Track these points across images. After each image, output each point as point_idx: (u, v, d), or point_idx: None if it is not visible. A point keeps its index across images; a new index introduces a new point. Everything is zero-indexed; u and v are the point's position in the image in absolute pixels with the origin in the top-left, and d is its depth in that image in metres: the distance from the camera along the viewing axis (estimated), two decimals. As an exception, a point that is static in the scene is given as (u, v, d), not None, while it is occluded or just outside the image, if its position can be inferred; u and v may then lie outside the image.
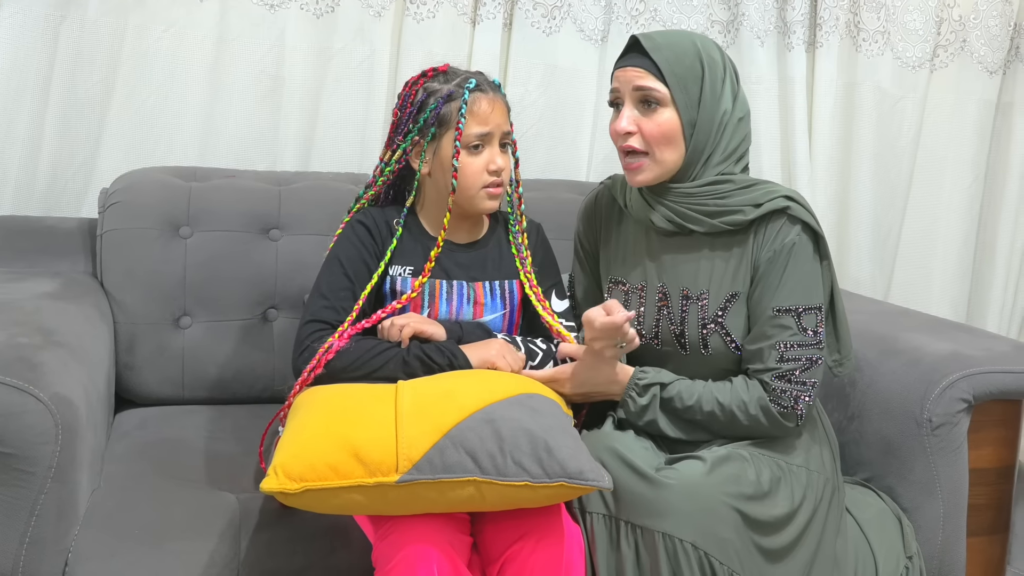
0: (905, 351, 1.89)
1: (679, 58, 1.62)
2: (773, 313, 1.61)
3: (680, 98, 1.62)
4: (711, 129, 1.63)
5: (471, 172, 1.66)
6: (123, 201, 2.01)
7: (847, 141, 2.77)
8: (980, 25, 2.80)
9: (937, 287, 2.92)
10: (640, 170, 1.65)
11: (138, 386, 1.98)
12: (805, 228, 1.62)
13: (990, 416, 1.82)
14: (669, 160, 1.64)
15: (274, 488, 1.36)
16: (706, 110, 1.62)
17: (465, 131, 1.64)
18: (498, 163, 1.68)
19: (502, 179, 1.69)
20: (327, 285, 1.66)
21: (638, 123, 1.64)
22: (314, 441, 1.39)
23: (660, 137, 1.62)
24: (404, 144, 1.69)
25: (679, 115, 1.62)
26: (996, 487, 1.86)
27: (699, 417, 1.62)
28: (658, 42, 1.64)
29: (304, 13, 2.33)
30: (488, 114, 1.67)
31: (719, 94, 1.63)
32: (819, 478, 1.64)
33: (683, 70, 1.62)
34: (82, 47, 2.19)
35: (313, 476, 1.36)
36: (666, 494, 1.48)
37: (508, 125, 1.71)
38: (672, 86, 1.61)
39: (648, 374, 1.64)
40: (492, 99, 1.68)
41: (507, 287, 1.75)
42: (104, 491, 1.59)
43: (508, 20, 2.47)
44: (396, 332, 1.61)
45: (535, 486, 1.38)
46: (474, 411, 1.41)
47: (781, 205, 1.61)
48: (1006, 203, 2.90)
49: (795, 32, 2.64)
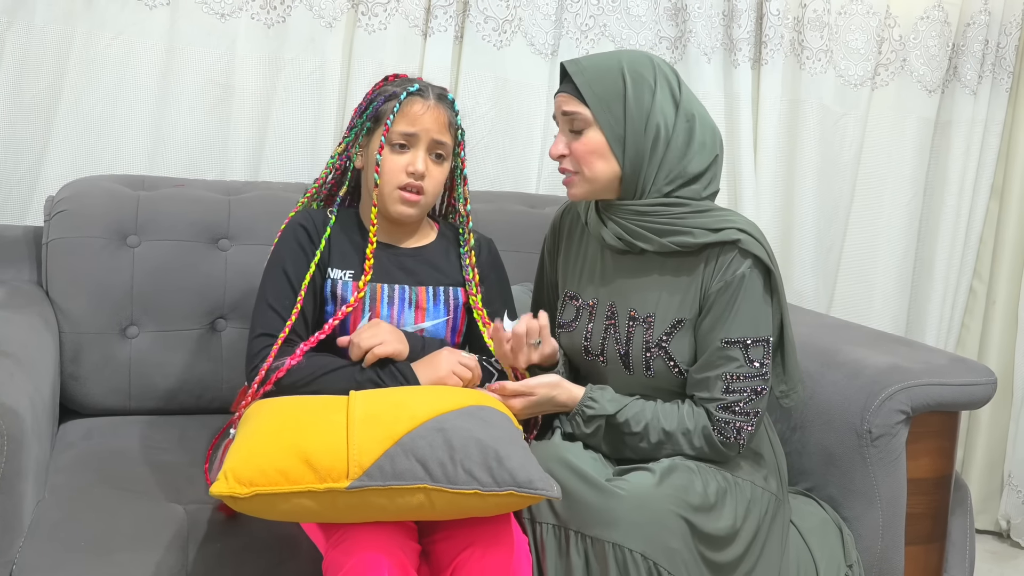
0: (846, 364, 1.93)
1: (599, 78, 1.64)
2: (721, 344, 1.62)
3: (602, 117, 1.64)
4: (644, 142, 1.63)
5: (389, 169, 1.69)
6: (69, 209, 1.99)
7: (791, 156, 2.82)
8: (920, 45, 2.88)
9: (878, 301, 2.97)
10: (572, 184, 1.69)
11: (83, 396, 1.96)
12: (756, 262, 1.63)
13: (928, 427, 1.86)
14: (600, 176, 1.66)
15: (224, 492, 1.36)
16: (633, 124, 1.63)
17: (392, 127, 1.68)
18: (417, 166, 1.68)
19: (421, 185, 1.69)
20: (272, 294, 1.66)
21: (569, 146, 1.68)
22: (265, 446, 1.40)
23: (585, 155, 1.65)
24: (348, 139, 1.74)
25: (603, 133, 1.64)
26: (933, 496, 1.90)
27: (643, 444, 1.64)
28: (582, 65, 1.67)
29: (255, 23, 2.33)
30: (418, 116, 1.69)
31: (647, 106, 1.63)
32: (764, 494, 1.67)
33: (603, 89, 1.64)
34: (28, 53, 2.17)
35: (263, 481, 1.36)
36: (616, 504, 1.50)
37: (445, 136, 1.72)
38: (592, 106, 1.64)
39: (596, 404, 1.65)
40: (429, 105, 1.71)
41: (451, 293, 1.76)
42: (49, 502, 1.57)
43: (459, 33, 2.49)
44: (359, 353, 1.62)
45: (485, 495, 1.39)
46: (425, 420, 1.42)
47: (732, 237, 1.62)
48: (944, 219, 2.96)
49: (741, 49, 2.69)
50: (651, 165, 1.64)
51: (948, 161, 2.96)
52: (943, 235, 2.97)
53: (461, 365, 1.65)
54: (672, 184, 1.65)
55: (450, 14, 2.43)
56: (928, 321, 3.00)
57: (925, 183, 2.99)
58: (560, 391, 1.66)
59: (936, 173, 2.99)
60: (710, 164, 1.67)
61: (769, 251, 1.65)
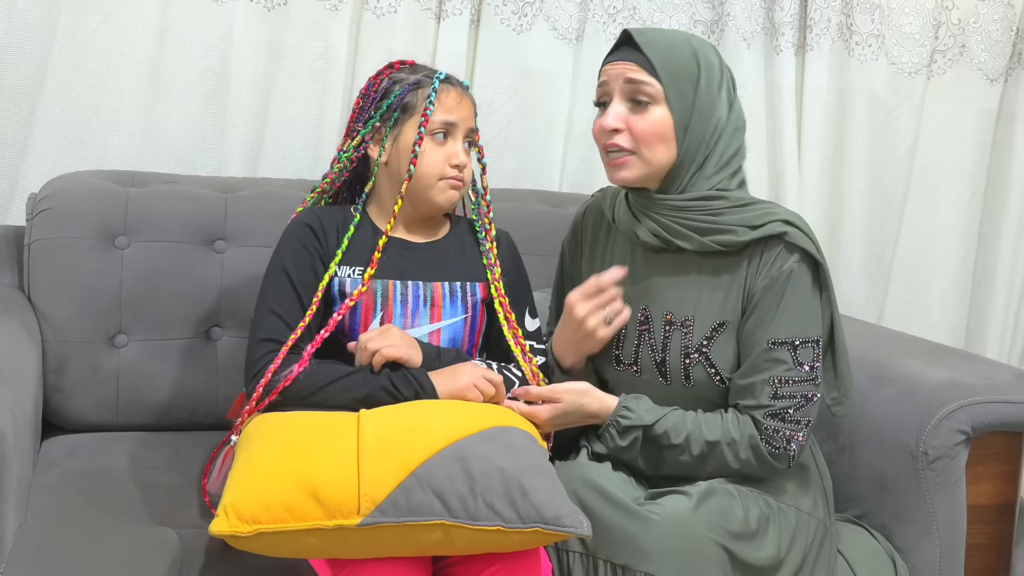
0: (900, 379, 1.93)
1: (674, 55, 1.65)
2: (768, 346, 1.62)
3: (674, 96, 1.63)
4: (705, 134, 1.64)
5: (432, 161, 1.70)
6: (53, 208, 2.00)
7: (838, 152, 2.82)
8: (980, 30, 2.87)
9: (934, 310, 2.97)
10: (624, 166, 1.66)
11: (68, 410, 1.98)
12: (804, 256, 1.63)
13: (989, 449, 1.86)
14: (658, 161, 1.65)
15: (225, 531, 1.36)
16: (700, 113, 1.64)
17: (432, 117, 1.69)
18: (461, 158, 1.71)
19: (463, 176, 1.72)
20: (274, 298, 1.67)
21: (627, 121, 1.65)
22: (269, 477, 1.39)
23: (652, 136, 1.63)
24: (364, 131, 1.73)
25: (672, 114, 1.64)
26: (996, 525, 1.90)
27: (685, 457, 1.64)
28: (652, 38, 1.66)
29: (254, 5, 2.34)
30: (456, 105, 1.72)
31: (715, 98, 1.65)
32: (810, 520, 1.67)
33: (678, 68, 1.64)
34: (9, 38, 2.19)
35: (267, 518, 1.36)
36: (649, 530, 1.50)
37: (474, 124, 1.76)
38: (666, 83, 1.63)
39: (632, 414, 1.65)
40: (460, 93, 1.74)
41: (469, 289, 1.76)
42: (31, 525, 1.58)
43: (476, 16, 2.50)
44: (367, 357, 1.61)
45: (508, 531, 1.38)
46: (443, 447, 1.41)
47: (778, 230, 1.63)
48: (1007, 220, 2.96)
49: (783, 34, 2.69)
50: (699, 160, 1.65)
51: (1012, 156, 2.95)
52: (1006, 237, 2.97)
53: (485, 380, 1.64)
54: (713, 179, 1.66)
55: (466, -4, 2.44)
56: (990, 332, 2.99)
57: (986, 180, 2.99)
58: (590, 399, 1.66)
59: (998, 169, 2.99)
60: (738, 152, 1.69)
61: (816, 244, 1.65)
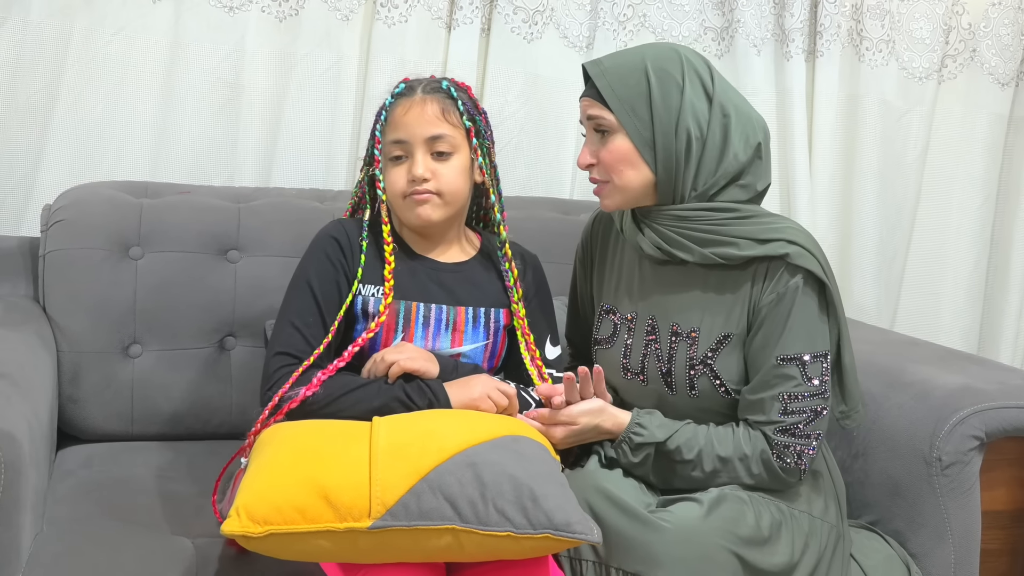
0: (913, 384, 1.93)
1: (622, 80, 1.65)
2: (777, 362, 1.62)
3: (627, 121, 1.64)
4: (675, 144, 1.63)
5: (393, 181, 1.70)
6: (68, 219, 2.02)
7: (849, 157, 2.81)
8: (991, 34, 2.87)
9: (947, 315, 2.96)
10: (603, 194, 1.71)
11: (83, 420, 1.99)
12: (808, 276, 1.63)
13: (1004, 454, 1.86)
14: (631, 184, 1.66)
15: (235, 531, 1.37)
16: (662, 126, 1.63)
17: (383, 140, 1.71)
18: (416, 171, 1.67)
19: (429, 188, 1.67)
20: (295, 311, 1.67)
21: (596, 154, 1.68)
22: (281, 480, 1.40)
23: (616, 163, 1.65)
24: (365, 158, 1.76)
25: (630, 139, 1.64)
26: (1011, 531, 1.90)
27: (697, 472, 1.64)
28: (603, 66, 1.67)
29: (266, 16, 2.36)
30: (400, 118, 1.69)
31: (676, 105, 1.63)
32: (823, 526, 1.67)
33: (626, 91, 1.64)
34: (24, 51, 2.21)
35: (279, 519, 1.37)
36: (661, 538, 1.50)
37: (439, 127, 1.68)
38: (616, 110, 1.64)
39: (645, 431, 1.65)
40: (414, 101, 1.69)
41: (492, 315, 1.76)
42: (47, 535, 1.59)
43: (486, 25, 2.51)
44: (383, 368, 1.61)
45: (518, 537, 1.38)
46: (455, 453, 1.42)
47: (780, 252, 1.62)
48: (1019, 224, 2.96)
49: (794, 40, 2.69)
50: (688, 167, 1.64)
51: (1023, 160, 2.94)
52: (1018, 242, 2.96)
53: (499, 392, 1.64)
54: (714, 186, 1.65)
55: (476, 5, 2.45)
56: (1003, 337, 2.99)
57: (998, 185, 2.98)
58: (604, 418, 1.67)
59: (1010, 173, 2.98)
60: (752, 158, 1.66)
61: (823, 263, 1.65)
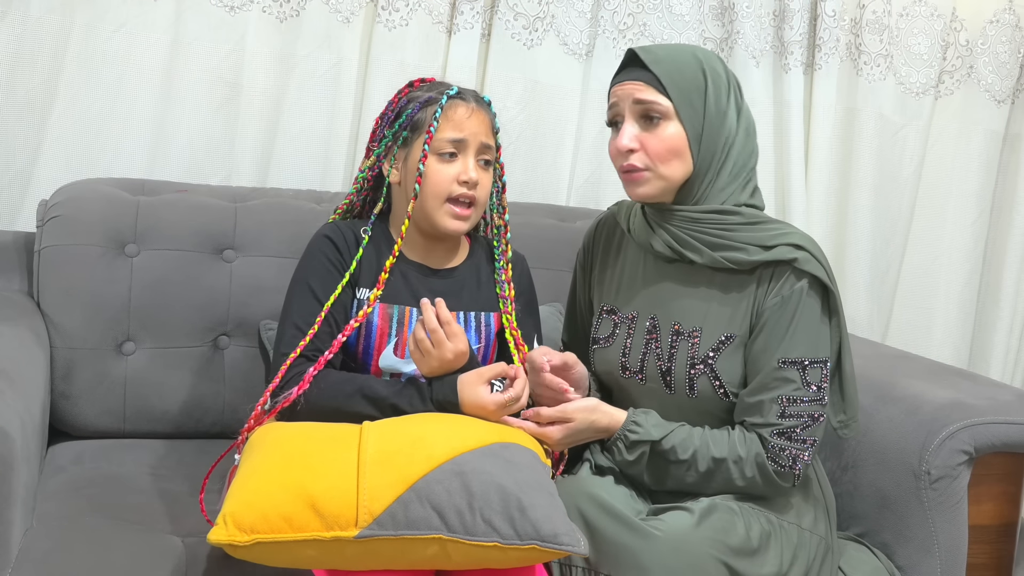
0: (903, 398, 1.94)
1: (680, 69, 1.66)
2: (778, 365, 1.63)
3: (685, 110, 1.65)
4: (718, 143, 1.66)
5: (438, 180, 1.68)
6: (64, 215, 2.02)
7: (846, 170, 2.83)
8: (988, 51, 2.88)
9: (938, 329, 2.97)
10: (641, 181, 1.67)
11: (75, 417, 1.99)
12: (813, 281, 1.64)
13: (992, 470, 1.86)
14: (674, 176, 1.67)
15: (222, 540, 1.37)
16: (711, 123, 1.66)
17: (436, 134, 1.67)
18: (471, 174, 1.68)
19: (474, 195, 1.69)
20: (298, 312, 1.68)
21: (640, 139, 1.66)
22: (268, 488, 1.40)
23: (666, 152, 1.65)
24: (378, 151, 1.73)
25: (684, 128, 1.65)
26: (997, 545, 1.90)
27: (691, 473, 1.64)
28: (657, 54, 1.67)
29: (267, 16, 2.36)
30: (464, 120, 1.69)
31: (724, 107, 1.67)
32: (812, 537, 1.67)
33: (685, 82, 1.65)
34: (23, 46, 2.21)
35: (265, 528, 1.37)
36: (651, 546, 1.50)
37: (491, 139, 1.72)
38: (675, 98, 1.65)
39: (640, 428, 1.65)
40: (472, 108, 1.70)
41: (483, 319, 1.77)
42: (37, 531, 1.59)
43: (487, 30, 2.52)
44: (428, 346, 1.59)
45: (505, 547, 1.38)
46: (443, 461, 1.42)
47: (788, 256, 1.63)
48: (1012, 241, 2.97)
49: (792, 53, 2.70)
50: (714, 170, 1.67)
51: (1018, 178, 2.96)
52: (1011, 259, 2.97)
53: None
54: (725, 190, 1.67)
55: (477, 10, 2.46)
56: (993, 353, 3.00)
57: (992, 201, 3.00)
58: (600, 415, 1.67)
59: (1004, 191, 3.00)
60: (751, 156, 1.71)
61: (828, 269, 1.66)
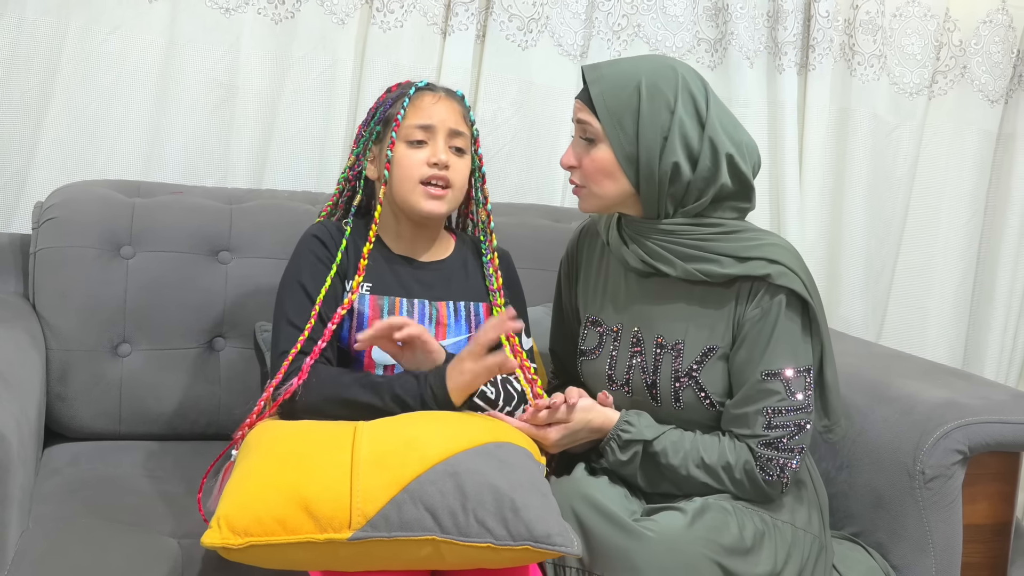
0: (898, 398, 1.94)
1: (615, 90, 1.65)
2: (761, 377, 1.63)
3: (612, 133, 1.65)
4: (659, 164, 1.63)
5: (408, 164, 1.71)
6: (59, 217, 2.02)
7: (839, 171, 2.83)
8: (981, 51, 2.89)
9: (933, 329, 2.97)
10: (580, 197, 1.73)
11: (70, 419, 1.99)
12: (790, 295, 1.63)
13: (986, 469, 1.87)
14: (608, 194, 1.68)
15: (216, 543, 1.37)
16: (647, 143, 1.63)
17: (404, 122, 1.71)
18: (440, 156, 1.71)
19: (446, 176, 1.72)
20: (292, 310, 1.69)
21: (579, 158, 1.70)
22: (262, 491, 1.40)
23: (595, 173, 1.67)
24: (357, 150, 1.77)
25: (612, 151, 1.65)
26: (992, 544, 1.91)
27: (681, 475, 1.65)
28: (601, 73, 1.68)
29: (262, 18, 2.36)
30: (430, 106, 1.73)
31: (664, 125, 1.62)
32: (806, 536, 1.67)
33: (617, 103, 1.65)
34: (18, 48, 2.21)
35: (259, 530, 1.37)
36: (644, 547, 1.50)
37: (461, 126, 1.75)
38: (603, 120, 1.65)
39: (633, 428, 1.66)
40: (439, 96, 1.75)
41: (472, 309, 1.79)
42: (33, 533, 1.59)
43: (481, 32, 2.52)
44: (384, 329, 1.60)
45: (498, 548, 1.39)
46: (437, 462, 1.42)
47: (761, 272, 1.63)
48: (1006, 241, 2.97)
49: (786, 53, 2.70)
50: (673, 186, 1.64)
51: (1011, 177, 2.96)
52: (1005, 258, 2.98)
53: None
54: (701, 206, 1.66)
55: (472, 11, 2.46)
56: (988, 352, 3.00)
57: (986, 201, 3.00)
58: (595, 414, 1.67)
59: (998, 190, 3.00)
60: (742, 185, 1.67)
61: (806, 280, 1.65)
